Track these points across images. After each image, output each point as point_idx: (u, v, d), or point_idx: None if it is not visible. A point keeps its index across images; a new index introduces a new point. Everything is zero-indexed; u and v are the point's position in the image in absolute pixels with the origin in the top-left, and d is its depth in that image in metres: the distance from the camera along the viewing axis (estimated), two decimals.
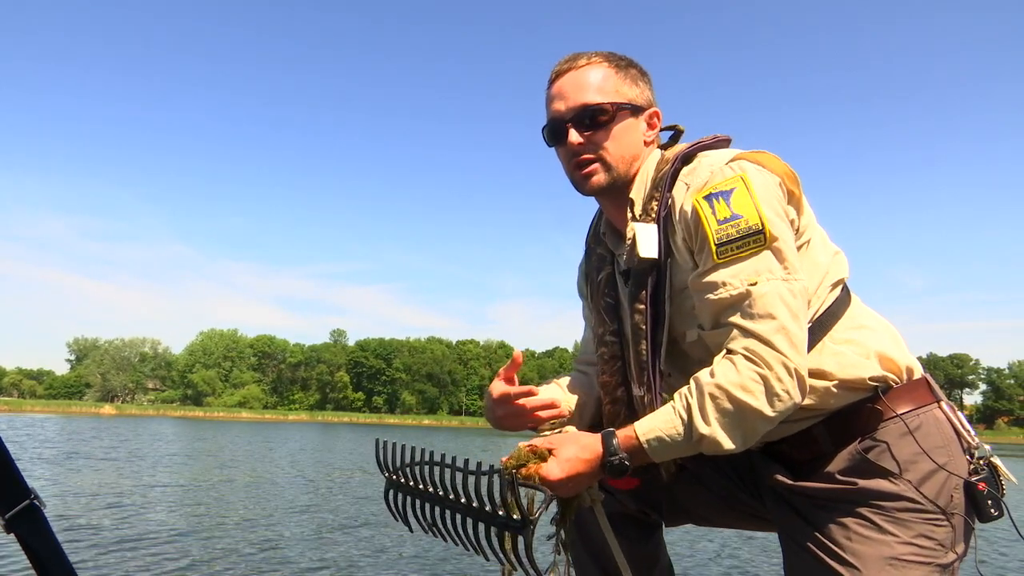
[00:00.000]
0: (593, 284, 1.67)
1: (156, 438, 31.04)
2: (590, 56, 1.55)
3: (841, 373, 1.40)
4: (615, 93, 1.52)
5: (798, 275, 1.34)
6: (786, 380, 1.27)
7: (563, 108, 1.52)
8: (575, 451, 1.34)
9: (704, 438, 1.29)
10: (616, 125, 1.51)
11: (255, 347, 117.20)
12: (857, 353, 1.42)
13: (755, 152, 1.44)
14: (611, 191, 1.54)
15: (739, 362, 1.29)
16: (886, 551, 1.33)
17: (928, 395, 1.44)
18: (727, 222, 1.34)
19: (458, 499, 1.34)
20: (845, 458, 1.41)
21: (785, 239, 1.34)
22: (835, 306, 1.46)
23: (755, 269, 1.32)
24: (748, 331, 1.30)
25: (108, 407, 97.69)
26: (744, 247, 1.32)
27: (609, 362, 1.59)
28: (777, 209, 1.36)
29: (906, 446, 1.38)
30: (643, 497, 1.71)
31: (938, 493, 1.36)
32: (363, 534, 8.82)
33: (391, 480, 1.49)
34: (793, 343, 1.28)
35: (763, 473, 1.54)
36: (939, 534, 1.35)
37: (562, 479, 1.32)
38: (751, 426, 1.30)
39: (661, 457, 1.35)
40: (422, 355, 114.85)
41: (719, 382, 1.29)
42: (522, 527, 1.25)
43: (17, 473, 1.09)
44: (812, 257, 1.45)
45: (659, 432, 1.32)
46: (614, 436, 1.34)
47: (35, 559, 1.10)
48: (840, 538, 1.37)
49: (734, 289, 1.32)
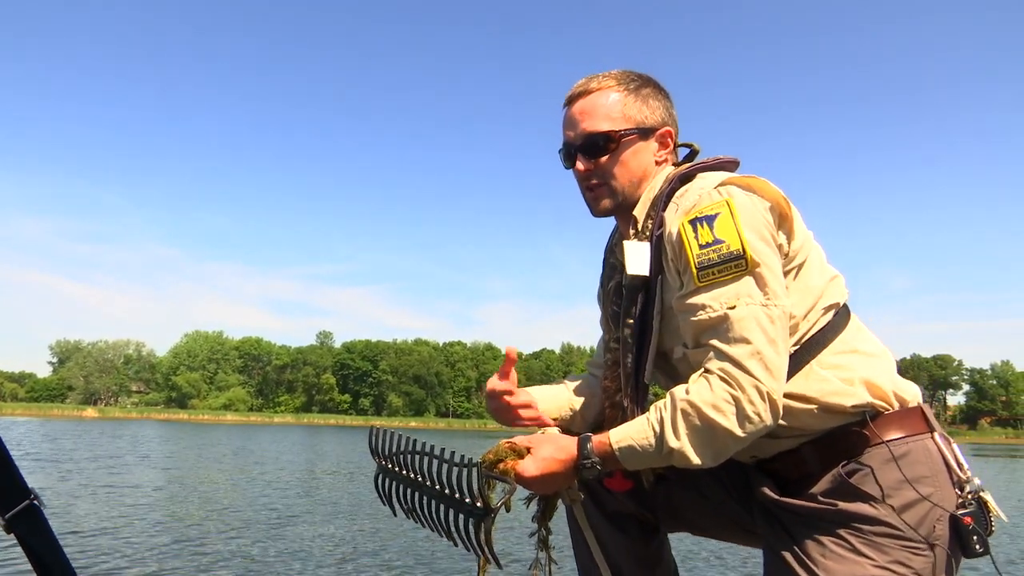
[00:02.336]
0: (604, 292, 1.72)
1: (139, 441, 30.72)
2: (601, 80, 1.60)
3: (825, 399, 1.42)
4: (622, 119, 1.57)
5: (779, 301, 1.36)
6: (758, 403, 1.30)
7: (572, 135, 1.60)
8: (551, 451, 1.41)
9: (674, 452, 1.33)
10: (623, 152, 1.57)
11: (240, 349, 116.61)
12: (841, 379, 1.43)
13: (746, 177, 1.46)
14: (620, 211, 1.62)
15: (714, 382, 1.33)
16: (858, 571, 1.34)
17: (921, 424, 1.45)
18: (709, 247, 1.37)
19: (433, 486, 1.41)
20: (829, 480, 1.43)
21: (768, 264, 1.37)
22: (826, 330, 1.47)
23: (735, 293, 1.35)
24: (724, 354, 1.33)
25: (91, 410, 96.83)
26: (725, 272, 1.36)
27: (611, 368, 1.63)
28: (763, 234, 1.39)
29: (890, 472, 1.39)
30: (641, 501, 1.73)
31: (920, 522, 1.36)
32: (350, 535, 8.75)
33: (381, 465, 1.56)
34: (768, 367, 1.31)
35: (755, 487, 1.55)
36: (916, 563, 1.35)
37: (536, 476, 1.39)
38: (721, 444, 1.33)
39: (632, 465, 1.40)
40: (409, 357, 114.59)
41: (692, 399, 1.33)
42: (484, 514, 1.33)
43: (17, 473, 1.10)
44: (805, 280, 1.47)
45: (631, 441, 1.37)
46: (589, 441, 1.40)
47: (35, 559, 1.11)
48: (815, 554, 1.39)
49: (713, 312, 1.36)
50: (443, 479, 1.38)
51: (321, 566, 6.96)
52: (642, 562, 1.76)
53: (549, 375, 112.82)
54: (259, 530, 8.87)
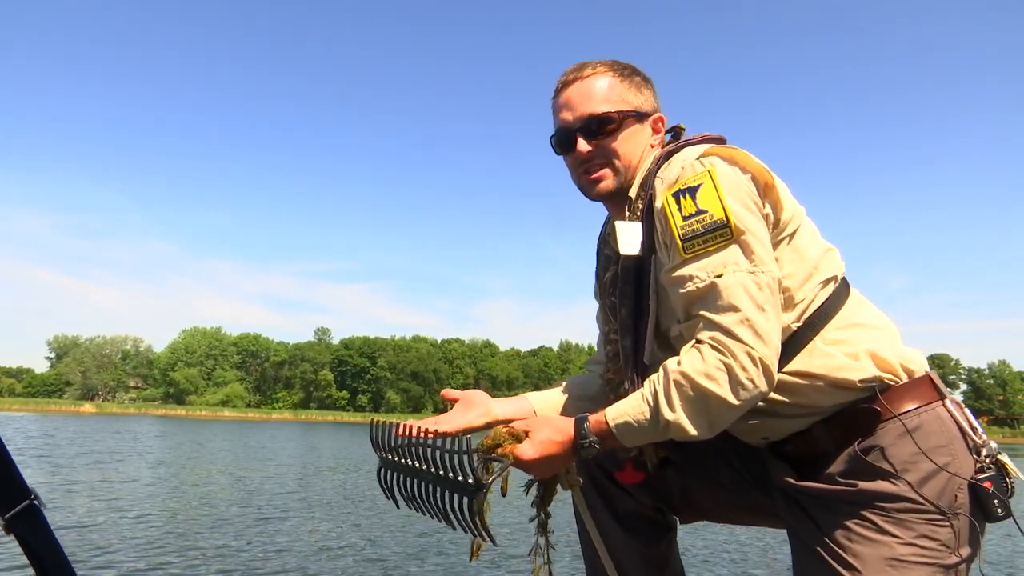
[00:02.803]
0: (600, 284, 1.72)
1: (136, 436, 30.67)
2: (595, 66, 1.61)
3: (831, 374, 1.40)
4: (621, 101, 1.58)
5: (766, 267, 1.35)
6: (750, 369, 1.29)
7: (571, 118, 1.58)
8: (549, 433, 1.40)
9: (670, 424, 1.32)
10: (623, 132, 1.57)
11: (238, 345, 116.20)
12: (847, 354, 1.42)
13: (728, 147, 1.47)
14: (616, 195, 1.60)
15: (705, 351, 1.32)
16: (886, 552, 1.33)
17: (931, 393, 1.43)
18: (692, 218, 1.38)
19: (429, 469, 1.41)
20: (845, 459, 1.42)
21: (753, 232, 1.36)
22: (826, 305, 1.46)
23: (721, 262, 1.35)
24: (713, 322, 1.33)
25: (88, 405, 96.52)
26: (710, 242, 1.36)
27: (613, 359, 1.63)
28: (746, 203, 1.39)
29: (904, 447, 1.37)
30: (657, 493, 1.73)
31: (940, 494, 1.35)
32: (345, 531, 8.74)
33: (382, 458, 1.55)
34: (758, 333, 1.31)
35: (772, 471, 1.54)
36: (942, 535, 1.34)
37: (535, 459, 1.38)
38: (716, 413, 1.32)
39: (630, 441, 1.39)
40: (407, 354, 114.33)
41: (684, 370, 1.32)
42: (475, 490, 1.32)
43: (17, 473, 1.10)
44: (798, 252, 1.46)
45: (627, 417, 1.36)
46: (586, 420, 1.39)
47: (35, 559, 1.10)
48: (842, 539, 1.38)
49: (700, 282, 1.36)
50: (437, 461, 1.38)
51: (316, 562, 6.95)
52: (651, 564, 1.75)
53: (547, 373, 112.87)
54: (255, 527, 8.85)
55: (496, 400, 1.69)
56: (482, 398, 1.68)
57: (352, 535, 8.65)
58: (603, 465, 1.76)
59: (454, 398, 1.67)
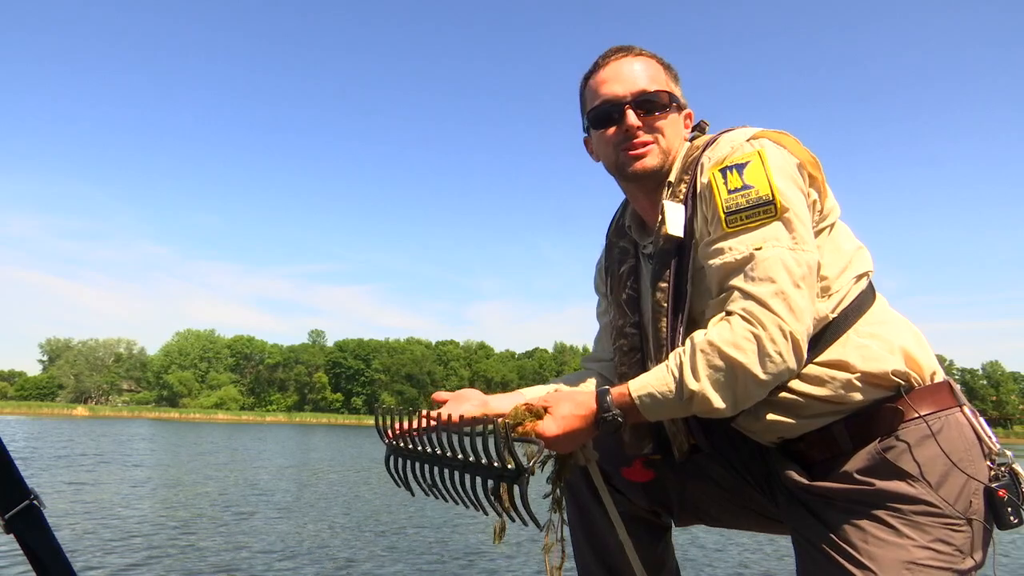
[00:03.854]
0: (615, 277, 1.69)
1: (129, 439, 30.49)
2: (641, 49, 1.61)
3: (864, 366, 1.38)
4: (667, 86, 1.59)
5: (807, 247, 1.34)
6: (780, 342, 1.27)
7: (621, 91, 1.55)
8: (570, 408, 1.37)
9: (694, 395, 1.30)
10: (670, 115, 1.58)
11: (232, 348, 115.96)
12: (881, 347, 1.40)
13: (777, 132, 1.47)
14: (652, 178, 1.57)
15: (735, 321, 1.30)
16: (903, 555, 1.30)
17: (950, 398, 1.42)
18: (737, 192, 1.37)
19: (455, 455, 1.36)
20: (864, 458, 1.39)
21: (797, 212, 1.36)
22: (860, 299, 1.46)
23: (762, 236, 1.34)
24: (747, 293, 1.31)
25: (81, 408, 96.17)
26: (753, 217, 1.35)
27: (628, 354, 1.61)
28: (791, 184, 1.38)
29: (927, 448, 1.36)
30: (655, 495, 1.71)
31: (957, 498, 1.34)
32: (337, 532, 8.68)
33: (391, 446, 1.50)
34: (792, 308, 1.28)
35: (778, 472, 1.50)
36: (957, 539, 1.32)
37: (558, 435, 1.35)
38: (742, 386, 1.30)
39: (653, 415, 1.37)
40: (401, 356, 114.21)
41: (711, 339, 1.30)
42: (516, 476, 1.28)
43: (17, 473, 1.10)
44: (836, 242, 1.48)
45: (651, 388, 1.34)
46: (608, 393, 1.37)
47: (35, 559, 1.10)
48: (856, 540, 1.35)
49: (739, 254, 1.35)
50: (465, 447, 1.34)
51: (311, 564, 6.90)
52: (649, 564, 1.71)
53: (542, 374, 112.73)
54: (248, 530, 8.78)
55: (491, 396, 1.67)
56: (475, 394, 1.66)
57: (347, 537, 8.58)
58: (602, 467, 1.70)
59: (444, 400, 1.62)
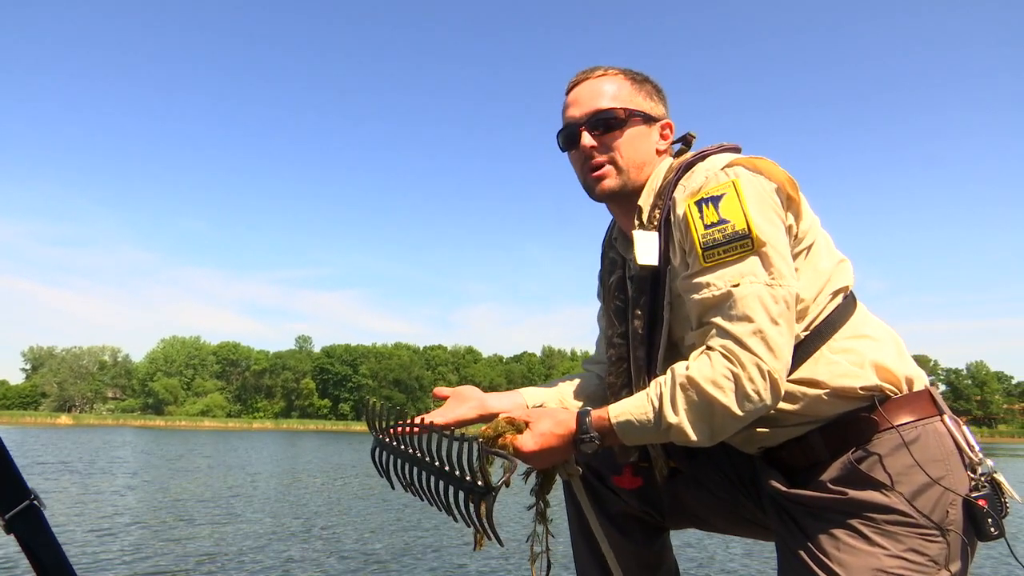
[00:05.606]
0: (605, 288, 1.70)
1: (113, 448, 30.13)
2: (607, 68, 1.63)
3: (833, 382, 1.40)
4: (629, 102, 1.59)
5: (784, 281, 1.35)
6: (758, 381, 1.29)
7: (578, 114, 1.59)
8: (549, 425, 1.40)
9: (672, 427, 1.32)
10: (628, 130, 1.57)
11: (218, 354, 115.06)
12: (852, 363, 1.42)
13: (753, 158, 1.47)
14: (621, 196, 1.59)
15: (715, 358, 1.32)
16: (873, 563, 1.32)
17: (930, 407, 1.42)
18: (714, 227, 1.37)
19: (432, 462, 1.41)
20: (838, 467, 1.41)
21: (774, 244, 1.36)
22: (835, 314, 1.47)
23: (739, 272, 1.34)
24: (725, 331, 1.33)
25: (64, 417, 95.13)
26: (730, 251, 1.35)
27: (616, 363, 1.62)
28: (768, 215, 1.38)
29: (900, 458, 1.37)
30: (647, 498, 1.71)
31: (932, 508, 1.34)
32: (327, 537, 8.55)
33: (378, 439, 1.55)
34: (770, 346, 1.30)
35: (763, 479, 1.52)
36: (931, 550, 1.33)
37: (534, 451, 1.39)
38: (719, 422, 1.32)
39: (631, 440, 1.40)
40: (389, 361, 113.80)
41: (691, 375, 1.32)
42: (484, 493, 1.33)
43: (17, 473, 1.10)
44: (813, 263, 1.48)
45: (629, 416, 1.37)
46: (588, 415, 1.40)
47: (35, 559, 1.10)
48: (829, 547, 1.37)
49: (717, 290, 1.35)
50: (442, 455, 1.38)
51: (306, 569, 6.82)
52: (644, 565, 1.74)
53: (530, 378, 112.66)
54: (240, 536, 8.65)
55: (489, 394, 1.69)
56: (474, 392, 1.67)
57: (341, 542, 8.47)
58: (596, 467, 1.74)
59: (445, 395, 1.66)
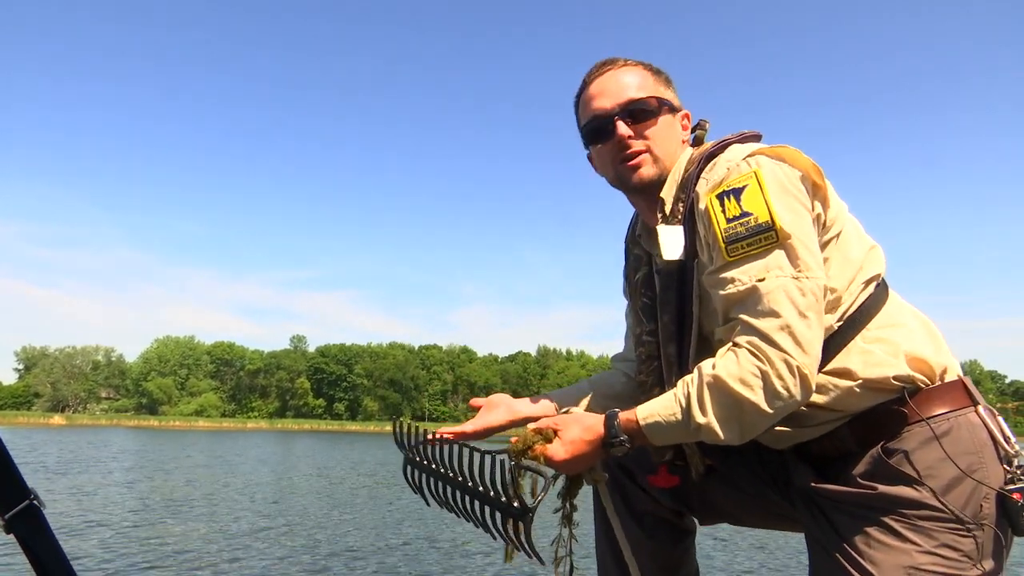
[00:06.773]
0: (631, 285, 1.69)
1: (107, 448, 30.00)
2: (625, 60, 1.60)
3: (865, 372, 1.36)
4: (655, 91, 1.57)
5: (812, 273, 1.31)
6: (787, 377, 1.26)
7: (608, 104, 1.55)
8: (578, 432, 1.39)
9: (701, 427, 1.30)
10: (661, 118, 1.55)
11: (213, 354, 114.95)
12: (886, 352, 1.38)
13: (776, 147, 1.43)
14: (653, 187, 1.55)
15: (742, 355, 1.29)
16: (905, 560, 1.29)
17: (963, 398, 1.38)
18: (736, 220, 1.34)
19: (465, 481, 1.40)
20: (867, 461, 1.38)
21: (799, 236, 1.32)
22: (868, 303, 1.43)
23: (764, 266, 1.31)
24: (752, 327, 1.29)
25: (58, 417, 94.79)
26: (754, 245, 1.32)
27: (646, 361, 1.60)
28: (792, 205, 1.35)
29: (930, 452, 1.33)
30: (677, 495, 1.70)
31: (965, 503, 1.30)
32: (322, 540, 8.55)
33: (408, 458, 1.55)
34: (798, 341, 1.26)
35: (792, 474, 1.52)
36: (965, 545, 1.29)
37: (566, 459, 1.38)
38: (748, 420, 1.29)
39: (660, 441, 1.37)
40: (384, 361, 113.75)
41: (718, 373, 1.29)
42: (521, 514, 1.31)
43: (17, 473, 1.09)
44: (843, 252, 1.44)
45: (658, 417, 1.34)
46: (616, 418, 1.38)
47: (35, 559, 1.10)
48: (860, 544, 1.34)
49: (742, 285, 1.32)
50: (475, 475, 1.37)
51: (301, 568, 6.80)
52: (666, 566, 1.74)
53: (526, 378, 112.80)
54: (231, 536, 8.64)
55: (518, 400, 1.70)
56: (504, 399, 1.69)
57: (335, 541, 8.46)
58: (627, 466, 1.73)
59: (478, 406, 1.70)
